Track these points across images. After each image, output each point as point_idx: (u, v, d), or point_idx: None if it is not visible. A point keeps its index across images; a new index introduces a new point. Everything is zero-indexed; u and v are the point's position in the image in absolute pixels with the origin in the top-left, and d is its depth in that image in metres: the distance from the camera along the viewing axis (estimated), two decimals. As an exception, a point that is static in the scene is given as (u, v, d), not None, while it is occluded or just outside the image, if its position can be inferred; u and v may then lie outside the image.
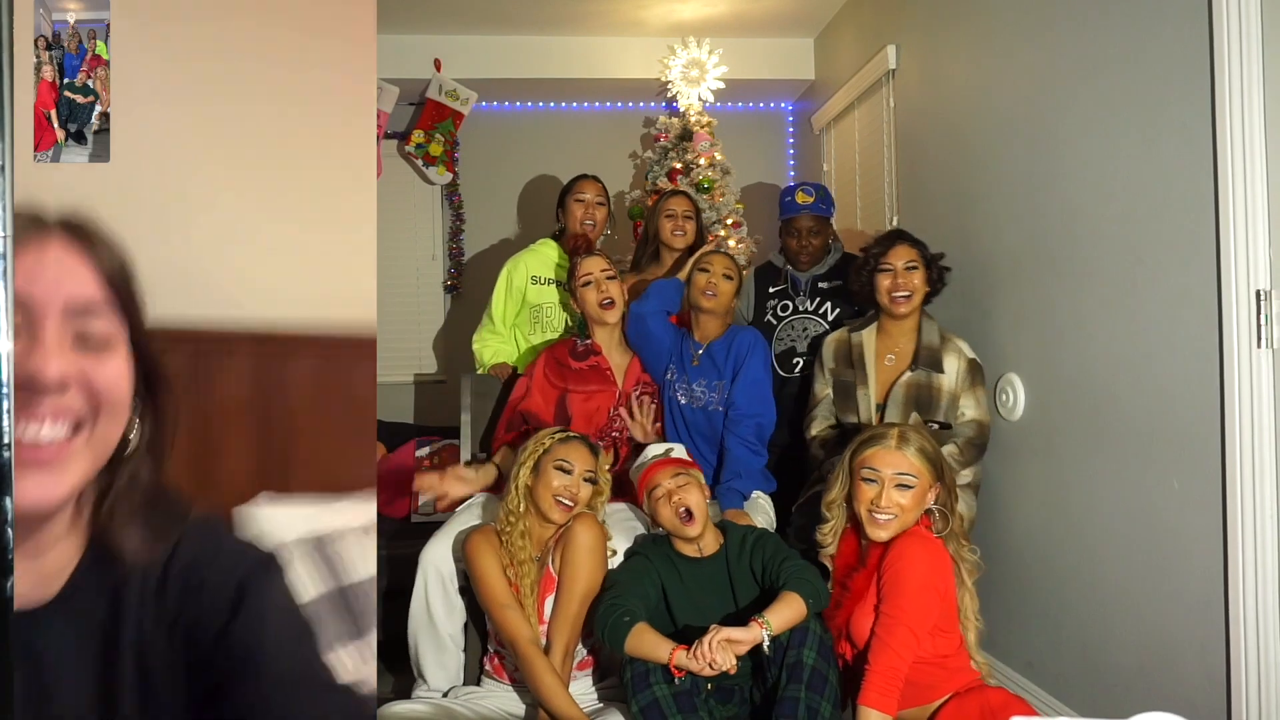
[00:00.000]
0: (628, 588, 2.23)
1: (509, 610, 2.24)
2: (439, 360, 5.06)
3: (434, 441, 3.89)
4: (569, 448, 2.35)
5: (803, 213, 3.18)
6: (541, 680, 2.16)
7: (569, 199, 3.39)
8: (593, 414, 2.77)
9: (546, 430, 2.43)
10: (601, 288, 2.79)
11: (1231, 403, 1.91)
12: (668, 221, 3.25)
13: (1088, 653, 2.42)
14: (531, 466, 2.34)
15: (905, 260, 2.70)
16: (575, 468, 2.31)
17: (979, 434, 2.65)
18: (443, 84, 4.72)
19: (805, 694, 2.00)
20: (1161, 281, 2.13)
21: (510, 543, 2.31)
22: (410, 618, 2.46)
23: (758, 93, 5.06)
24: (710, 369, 2.79)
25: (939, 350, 2.68)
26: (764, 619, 2.04)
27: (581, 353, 2.82)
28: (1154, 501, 2.17)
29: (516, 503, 2.34)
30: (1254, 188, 1.87)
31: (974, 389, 2.66)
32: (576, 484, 2.31)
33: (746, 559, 2.28)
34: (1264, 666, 1.87)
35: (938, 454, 2.17)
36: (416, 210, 5.08)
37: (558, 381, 2.79)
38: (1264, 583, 1.87)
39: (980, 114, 2.98)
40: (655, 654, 2.07)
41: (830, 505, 2.24)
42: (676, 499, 2.28)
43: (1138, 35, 2.18)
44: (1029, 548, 2.70)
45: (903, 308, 2.69)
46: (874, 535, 2.12)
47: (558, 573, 2.31)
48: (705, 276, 2.83)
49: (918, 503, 2.12)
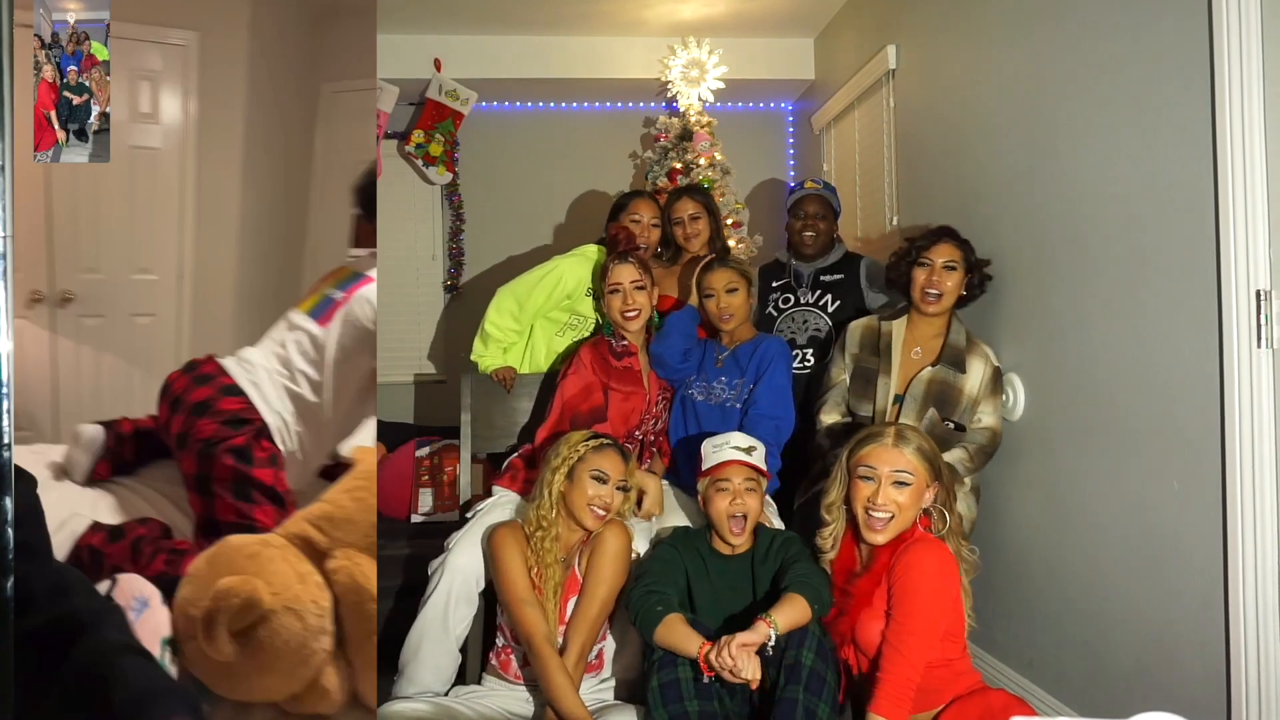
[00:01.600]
0: (661, 576, 2.25)
1: (528, 606, 2.25)
2: (439, 360, 5.06)
3: (434, 441, 3.89)
4: (604, 456, 2.35)
5: (808, 194, 3.22)
6: (553, 679, 2.17)
7: (623, 217, 3.21)
8: (629, 414, 2.79)
9: (579, 435, 2.42)
10: (629, 299, 2.79)
11: (1231, 403, 1.91)
12: (676, 229, 3.22)
13: (1088, 652, 2.42)
14: (566, 473, 2.35)
15: (945, 259, 2.68)
16: (610, 476, 2.33)
17: (991, 442, 2.65)
18: (443, 84, 4.71)
19: (804, 695, 2.01)
20: (1161, 281, 2.12)
21: (539, 546, 2.32)
22: (420, 617, 2.45)
23: (758, 93, 5.06)
24: (733, 368, 2.79)
25: (964, 352, 2.67)
26: (770, 618, 2.05)
27: (619, 352, 2.83)
28: (1154, 501, 2.16)
29: (549, 509, 2.34)
30: (1254, 188, 1.87)
31: (994, 396, 2.66)
32: (610, 493, 2.33)
33: (772, 561, 2.30)
34: (1264, 666, 1.87)
35: (935, 453, 2.16)
36: (416, 210, 5.08)
37: (602, 376, 2.80)
38: (1264, 583, 1.87)
39: (980, 114, 2.97)
40: (685, 647, 2.08)
41: (830, 508, 2.21)
42: (738, 502, 2.28)
43: (1138, 35, 2.17)
44: (1029, 548, 2.70)
45: (932, 306, 2.68)
46: (871, 539, 2.10)
47: (582, 575, 2.33)
48: (713, 302, 2.82)
49: (915, 502, 2.10)
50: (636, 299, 2.80)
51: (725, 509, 2.28)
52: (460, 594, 2.45)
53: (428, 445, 3.87)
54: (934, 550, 2.06)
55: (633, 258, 2.85)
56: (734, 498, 2.28)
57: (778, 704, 2.02)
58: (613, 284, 2.81)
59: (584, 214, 4.97)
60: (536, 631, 2.22)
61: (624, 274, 2.81)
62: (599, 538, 2.33)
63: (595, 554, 2.32)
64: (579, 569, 2.35)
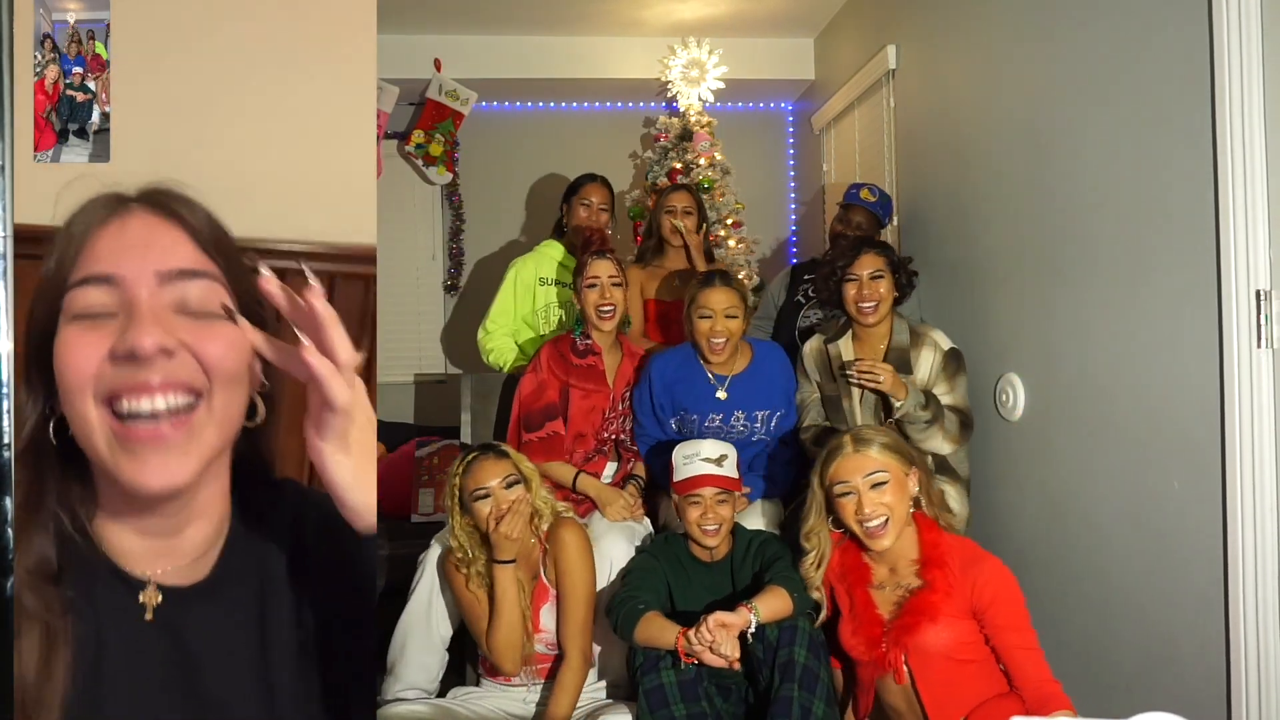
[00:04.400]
0: (641, 584, 2.25)
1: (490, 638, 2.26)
2: (439, 360, 5.06)
3: (434, 441, 3.90)
4: (474, 473, 2.25)
5: (861, 205, 3.23)
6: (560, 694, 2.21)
7: (574, 200, 3.38)
8: (588, 413, 2.75)
9: (454, 465, 2.32)
10: (605, 294, 2.75)
11: (1231, 403, 1.91)
12: (667, 217, 3.28)
13: (1088, 652, 2.42)
14: (458, 509, 2.28)
15: (870, 270, 2.65)
16: (490, 488, 2.22)
17: (957, 413, 2.60)
18: (443, 84, 4.71)
19: (799, 693, 2.01)
20: (1161, 281, 2.12)
21: (470, 580, 2.28)
22: (405, 613, 2.44)
23: (758, 93, 5.06)
24: (746, 397, 2.69)
25: (908, 350, 2.65)
26: (751, 604, 2.05)
27: (582, 350, 2.79)
28: (1154, 501, 2.16)
29: (463, 547, 2.28)
30: (1254, 188, 1.87)
31: (952, 378, 2.62)
32: (500, 500, 2.21)
33: (750, 562, 2.30)
34: (1264, 666, 1.87)
35: (897, 442, 2.14)
36: (416, 210, 5.08)
37: (561, 375, 2.77)
38: (1264, 583, 1.87)
39: (980, 114, 2.97)
40: (662, 638, 2.08)
41: (809, 535, 2.16)
42: (710, 515, 2.27)
43: (1138, 35, 2.17)
44: (1028, 548, 2.69)
45: (870, 318, 2.65)
46: (878, 546, 2.05)
47: (553, 583, 2.32)
48: (708, 323, 2.63)
49: (900, 495, 2.07)
50: (613, 294, 2.75)
51: (697, 520, 2.28)
52: (438, 590, 2.45)
53: (428, 445, 3.88)
54: (992, 562, 2.04)
55: (609, 256, 2.83)
56: (705, 511, 2.27)
57: (774, 702, 2.03)
58: (590, 278, 2.77)
59: (584, 214, 4.97)
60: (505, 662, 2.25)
61: (602, 269, 2.76)
62: (556, 541, 2.29)
63: (560, 558, 2.28)
64: (546, 578, 2.33)
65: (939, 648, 1.99)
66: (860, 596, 2.10)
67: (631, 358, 2.87)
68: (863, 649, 2.06)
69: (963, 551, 2.06)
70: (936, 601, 1.99)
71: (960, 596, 1.99)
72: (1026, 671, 1.96)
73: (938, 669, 2.00)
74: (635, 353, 2.90)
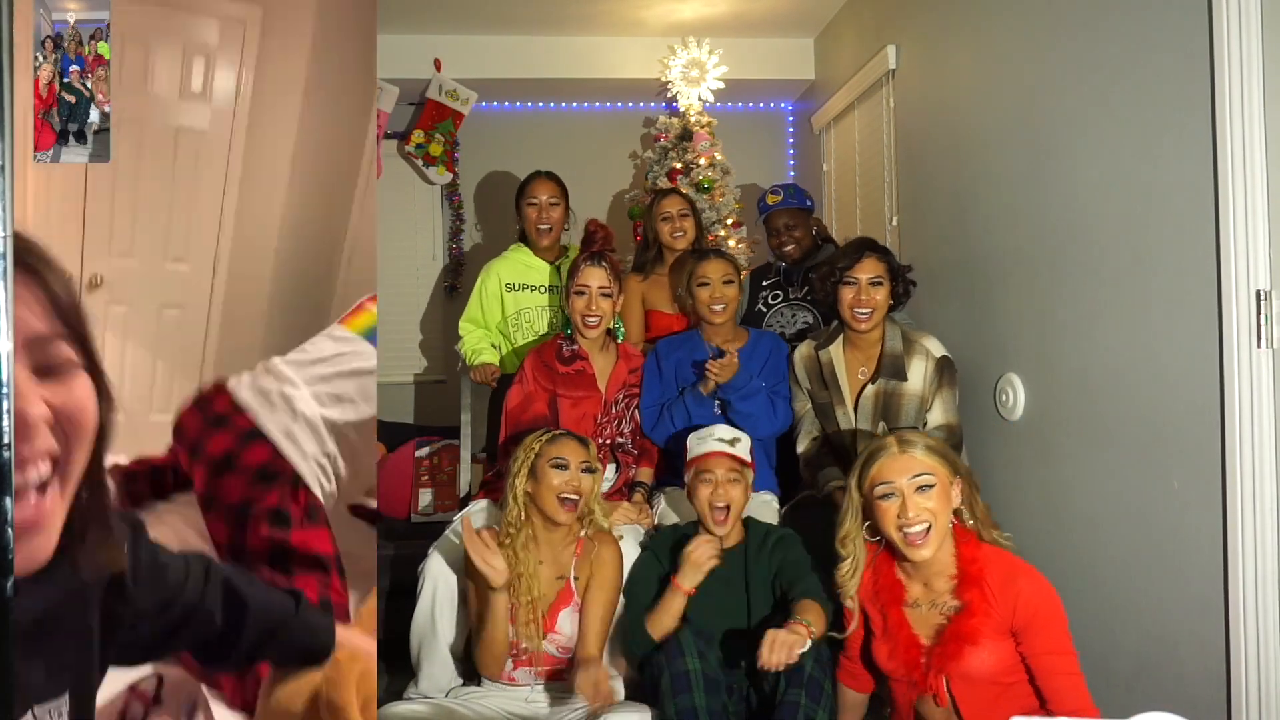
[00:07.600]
0: (640, 595, 2.34)
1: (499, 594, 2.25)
2: (439, 360, 5.06)
3: (434, 442, 3.89)
4: (559, 445, 2.36)
5: (774, 210, 3.27)
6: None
7: (522, 202, 3.36)
8: (579, 420, 2.74)
9: (532, 435, 2.42)
10: (592, 304, 2.75)
11: (1231, 403, 1.91)
12: (665, 224, 3.28)
13: (1088, 653, 2.41)
14: (527, 473, 2.35)
15: (871, 275, 2.62)
16: (570, 461, 2.33)
17: (948, 438, 2.55)
18: (443, 84, 4.71)
19: (805, 700, 2.03)
20: (1161, 281, 2.12)
21: (513, 552, 2.31)
22: (414, 623, 2.47)
23: (758, 93, 5.06)
24: (745, 361, 2.72)
25: (902, 357, 2.63)
26: (804, 621, 2.03)
27: (568, 357, 2.79)
28: (1154, 501, 2.16)
29: (517, 513, 2.34)
30: (1254, 188, 1.87)
31: (942, 390, 2.61)
32: (576, 477, 2.33)
33: (766, 557, 2.31)
34: (1264, 666, 1.87)
35: (943, 448, 2.04)
36: (416, 210, 5.08)
37: (547, 385, 2.77)
38: (1264, 583, 1.87)
39: (980, 114, 2.97)
40: (670, 606, 2.20)
41: (844, 541, 2.04)
42: (720, 492, 2.31)
43: (1138, 35, 2.17)
44: (1028, 548, 2.68)
45: (864, 324, 2.64)
46: (916, 556, 1.93)
47: (579, 590, 2.34)
48: (707, 290, 2.80)
49: (945, 503, 1.95)
50: (601, 305, 2.75)
51: (708, 498, 2.32)
52: (443, 599, 2.46)
53: (427, 445, 3.88)
54: (1032, 575, 1.96)
55: (606, 261, 2.81)
56: (716, 488, 2.31)
57: (780, 706, 2.04)
58: (580, 285, 2.77)
59: (584, 214, 4.95)
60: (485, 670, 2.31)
61: (593, 277, 2.76)
62: (596, 556, 2.36)
63: (595, 573, 2.35)
64: (574, 582, 2.35)
65: (982, 672, 1.91)
66: (894, 616, 2.00)
67: (626, 359, 2.87)
68: (902, 671, 1.99)
69: (1000, 564, 1.96)
70: (976, 625, 1.90)
71: (1000, 615, 1.90)
72: (1065, 700, 1.86)
73: (982, 692, 1.92)
74: (631, 354, 2.90)
